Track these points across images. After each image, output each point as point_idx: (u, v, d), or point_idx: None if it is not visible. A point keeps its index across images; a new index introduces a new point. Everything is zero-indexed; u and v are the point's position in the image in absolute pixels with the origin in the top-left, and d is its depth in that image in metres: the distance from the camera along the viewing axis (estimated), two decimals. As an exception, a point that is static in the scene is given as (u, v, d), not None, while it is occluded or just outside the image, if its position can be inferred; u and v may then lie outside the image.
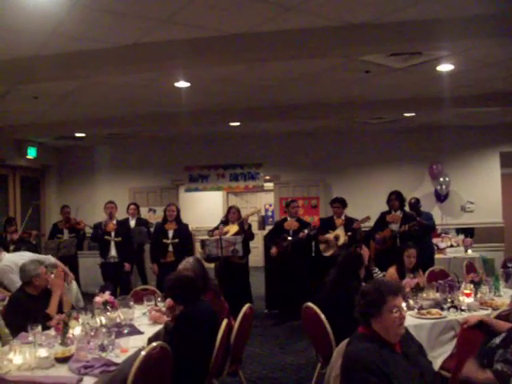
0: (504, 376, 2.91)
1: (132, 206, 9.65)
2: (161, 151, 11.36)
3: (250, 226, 8.27)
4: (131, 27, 4.55)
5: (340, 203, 7.98)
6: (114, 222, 8.25)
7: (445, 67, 6.00)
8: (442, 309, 4.64)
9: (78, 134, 9.74)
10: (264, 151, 11.00)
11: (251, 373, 5.66)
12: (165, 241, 7.77)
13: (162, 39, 4.86)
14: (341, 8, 4.32)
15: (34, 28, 4.39)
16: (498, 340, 3.08)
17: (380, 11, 4.40)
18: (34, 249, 7.40)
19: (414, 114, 8.73)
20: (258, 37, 4.82)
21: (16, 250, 7.38)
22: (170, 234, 7.81)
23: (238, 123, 9.06)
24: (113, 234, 8.14)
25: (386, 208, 7.92)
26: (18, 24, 4.28)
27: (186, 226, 8.15)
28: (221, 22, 4.56)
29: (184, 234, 7.92)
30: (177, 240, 7.74)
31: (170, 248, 7.71)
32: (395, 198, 7.78)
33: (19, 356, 3.37)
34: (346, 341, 3.07)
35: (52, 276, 4.75)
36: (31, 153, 10.37)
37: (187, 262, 4.81)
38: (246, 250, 8.00)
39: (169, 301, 4.54)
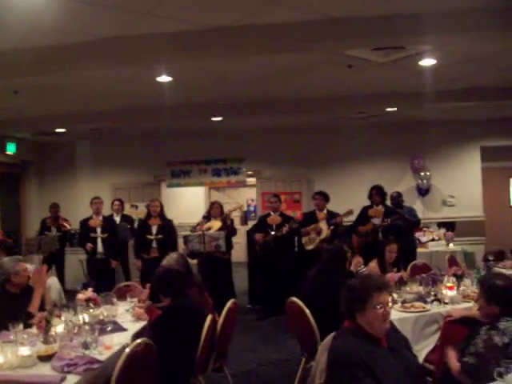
0: (469, 366, 2.97)
1: (116, 202, 9.54)
2: (143, 146, 11.26)
3: (232, 221, 8.25)
4: (112, 20, 4.49)
5: (322, 195, 8.00)
6: (100, 218, 8.18)
7: (427, 62, 6.03)
8: (426, 302, 4.66)
9: (58, 130, 9.62)
10: (246, 146, 10.97)
11: (235, 368, 5.65)
12: (148, 237, 7.71)
13: (144, 32, 4.81)
14: (324, 1, 4.31)
15: (14, 20, 4.32)
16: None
17: (363, 5, 4.40)
18: (13, 246, 7.27)
19: (395, 109, 8.77)
20: (240, 31, 4.80)
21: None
22: (154, 229, 7.75)
23: (220, 118, 9.02)
24: (99, 230, 8.06)
25: (368, 202, 7.95)
26: (-2, 17, 4.21)
27: (170, 221, 8.08)
28: (203, 16, 4.52)
29: (168, 229, 7.86)
30: (160, 236, 7.69)
31: (154, 244, 7.66)
32: (376, 193, 7.81)
33: (1, 355, 3.31)
34: (331, 335, 3.08)
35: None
36: (10, 148, 10.21)
37: (171, 258, 4.78)
38: (229, 246, 7.97)
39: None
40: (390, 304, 2.89)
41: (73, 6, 4.11)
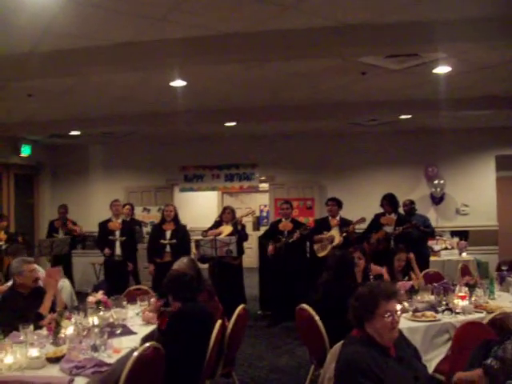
0: (492, 371, 2.91)
1: (127, 207, 9.62)
2: (156, 151, 11.32)
3: (243, 226, 8.24)
4: (126, 25, 4.51)
5: (335, 202, 7.95)
6: (120, 220, 8.26)
7: (441, 69, 5.99)
8: (437, 311, 4.62)
9: (72, 133, 9.69)
10: (259, 152, 10.98)
11: (244, 374, 5.64)
12: (162, 241, 7.72)
13: (157, 38, 4.82)
14: (338, 8, 4.30)
15: (28, 24, 4.35)
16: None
17: (377, 12, 4.39)
18: (26, 247, 7.33)
19: (410, 116, 8.73)
20: (254, 37, 4.79)
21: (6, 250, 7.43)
22: (168, 234, 7.75)
23: (233, 123, 9.03)
24: (117, 233, 8.13)
25: (381, 210, 7.90)
26: (11, 20, 4.23)
27: (184, 226, 8.10)
28: (216, 22, 4.53)
29: (182, 234, 7.86)
30: (174, 240, 7.69)
31: (168, 248, 7.67)
32: (387, 203, 7.76)
33: (10, 356, 3.32)
34: (340, 343, 3.06)
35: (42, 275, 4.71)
36: (25, 151, 10.32)
37: (181, 262, 4.78)
38: (240, 251, 7.96)
39: (154, 301, 4.61)
40: (399, 313, 2.85)
41: (86, 11, 4.13)
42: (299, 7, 4.24)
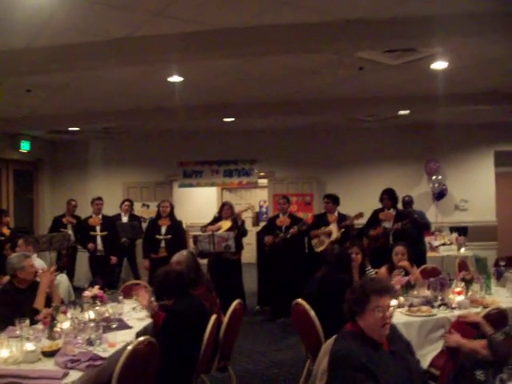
0: (495, 343, 3.03)
1: (127, 203, 9.67)
2: (155, 146, 11.32)
3: (243, 222, 8.27)
4: (123, 20, 4.51)
5: (330, 199, 7.96)
6: (100, 216, 8.50)
7: (439, 65, 5.98)
8: (433, 306, 4.62)
9: (71, 128, 9.70)
10: (258, 147, 10.98)
11: (241, 369, 5.65)
12: (157, 236, 7.80)
13: (155, 33, 4.82)
14: (335, 3, 4.30)
15: (25, 20, 4.35)
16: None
17: (374, 7, 4.38)
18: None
19: (408, 112, 8.72)
20: (251, 31, 4.78)
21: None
22: (163, 229, 7.87)
23: (232, 119, 9.03)
24: (98, 228, 8.30)
25: (380, 206, 7.89)
26: (8, 15, 4.24)
27: (180, 222, 8.18)
28: (213, 16, 4.52)
29: (177, 230, 7.95)
30: (169, 236, 7.77)
31: (163, 244, 7.79)
32: (387, 198, 7.73)
33: (6, 350, 3.34)
34: (333, 337, 3.06)
35: (40, 270, 4.72)
36: (25, 146, 10.34)
37: (181, 255, 4.81)
38: (239, 247, 7.98)
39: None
40: (392, 308, 2.84)
41: (84, 6, 4.14)
42: (295, 2, 4.23)
